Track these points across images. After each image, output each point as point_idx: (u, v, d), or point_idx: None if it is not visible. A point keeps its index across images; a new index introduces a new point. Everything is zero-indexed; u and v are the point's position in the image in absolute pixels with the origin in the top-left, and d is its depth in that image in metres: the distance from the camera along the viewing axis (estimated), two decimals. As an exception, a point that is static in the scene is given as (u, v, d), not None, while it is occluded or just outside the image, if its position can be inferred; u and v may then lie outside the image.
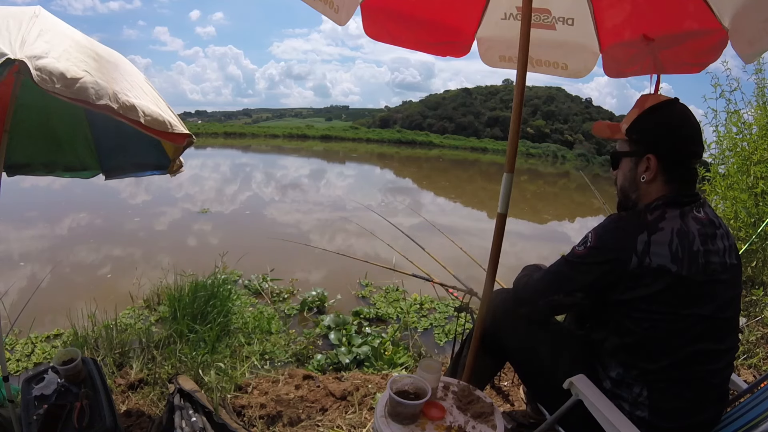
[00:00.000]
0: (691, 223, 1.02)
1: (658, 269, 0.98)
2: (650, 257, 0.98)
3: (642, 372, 1.04)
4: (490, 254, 1.35)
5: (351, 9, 1.60)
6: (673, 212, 1.03)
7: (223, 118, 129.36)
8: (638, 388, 1.04)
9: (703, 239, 1.01)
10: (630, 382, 1.05)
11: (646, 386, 1.03)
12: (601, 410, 0.98)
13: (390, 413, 1.07)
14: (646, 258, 0.98)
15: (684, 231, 1.00)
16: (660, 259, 0.98)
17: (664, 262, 0.98)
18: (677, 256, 0.98)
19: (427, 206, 9.86)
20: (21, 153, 1.83)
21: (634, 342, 1.03)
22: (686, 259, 0.98)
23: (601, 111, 70.53)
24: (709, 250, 1.00)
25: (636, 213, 1.09)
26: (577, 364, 1.16)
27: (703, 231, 1.02)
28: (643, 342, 1.02)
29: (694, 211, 1.04)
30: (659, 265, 0.97)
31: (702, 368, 1.00)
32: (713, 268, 1.00)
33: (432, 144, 51.99)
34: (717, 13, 1.47)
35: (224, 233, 5.95)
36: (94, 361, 1.50)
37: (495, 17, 2.00)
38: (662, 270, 0.97)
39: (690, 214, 1.03)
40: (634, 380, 1.05)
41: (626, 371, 1.06)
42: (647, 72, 1.73)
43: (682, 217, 1.02)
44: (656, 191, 1.09)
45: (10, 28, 1.10)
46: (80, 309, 2.61)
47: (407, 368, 2.39)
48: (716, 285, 1.01)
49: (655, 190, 1.09)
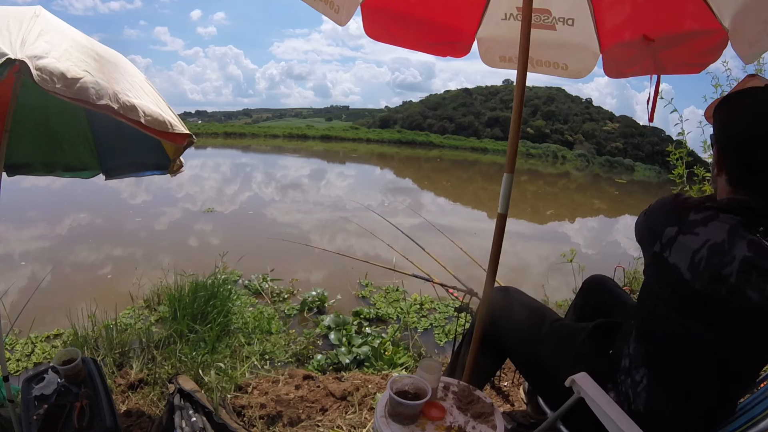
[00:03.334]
0: (739, 244, 0.85)
1: (673, 267, 0.92)
2: (671, 252, 0.92)
3: (651, 352, 1.02)
4: (491, 254, 1.35)
5: (351, 9, 1.60)
6: (723, 223, 0.87)
7: (224, 118, 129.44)
8: (642, 371, 1.03)
9: (746, 268, 0.83)
10: (638, 362, 1.04)
11: (649, 372, 1.02)
12: (603, 408, 0.98)
13: (390, 413, 1.07)
14: (667, 250, 0.93)
15: (721, 249, 0.86)
16: (678, 260, 0.91)
17: (681, 265, 0.91)
18: (696, 268, 0.88)
19: (427, 206, 9.86)
20: (21, 153, 1.83)
21: (647, 319, 1.04)
22: (705, 276, 0.87)
23: (601, 111, 70.56)
24: (748, 283, 0.83)
25: (688, 202, 0.97)
26: (579, 361, 1.16)
27: (754, 261, 0.83)
28: (650, 324, 1.02)
29: (756, 235, 0.85)
30: (674, 264, 0.92)
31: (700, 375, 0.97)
32: (742, 301, 0.84)
33: (432, 144, 52.07)
34: (717, 14, 1.47)
35: (224, 233, 5.95)
36: (94, 361, 1.50)
37: (495, 17, 2.00)
38: (676, 270, 0.92)
39: (747, 235, 0.85)
40: (641, 361, 1.04)
41: (639, 347, 1.05)
42: (647, 72, 1.73)
43: (731, 232, 0.86)
44: (724, 190, 0.96)
45: (10, 28, 1.10)
46: (80, 309, 2.61)
47: (407, 368, 2.39)
48: (738, 320, 0.87)
49: (723, 189, 0.96)
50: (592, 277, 1.62)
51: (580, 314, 1.57)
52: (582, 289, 1.63)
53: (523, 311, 1.38)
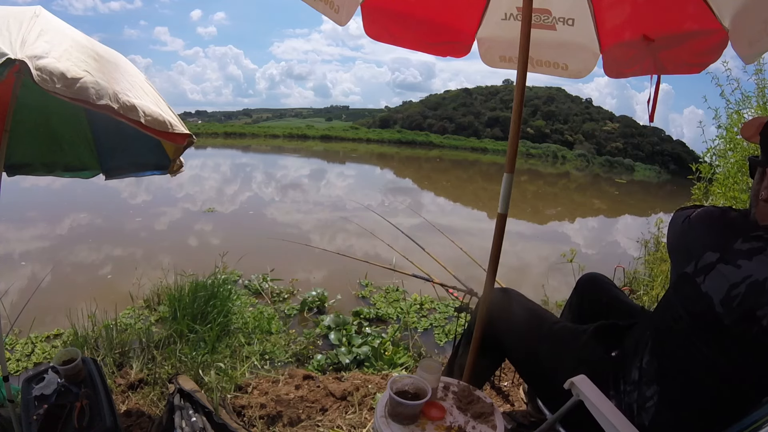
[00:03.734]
0: None
1: (704, 295, 0.85)
2: (705, 279, 0.85)
3: (665, 369, 0.99)
4: (491, 254, 1.35)
5: (351, 9, 1.60)
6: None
7: (224, 118, 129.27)
8: (654, 388, 1.00)
9: None
10: (651, 378, 1.01)
11: (661, 389, 0.99)
12: (602, 411, 0.98)
13: (390, 413, 1.07)
14: (702, 276, 0.86)
15: (761, 288, 0.78)
16: (712, 290, 0.84)
17: (713, 295, 0.84)
18: (730, 304, 0.81)
19: (427, 206, 9.86)
20: (21, 153, 1.83)
21: (664, 333, 1.00)
22: (737, 314, 0.81)
23: (601, 111, 70.50)
24: None
25: (736, 226, 0.89)
26: (581, 364, 1.15)
27: None
28: (667, 341, 0.98)
29: None
30: (707, 293, 0.85)
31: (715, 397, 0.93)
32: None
33: (432, 144, 52.03)
34: (717, 14, 1.47)
35: (224, 233, 5.95)
36: (94, 361, 1.50)
37: (495, 17, 2.00)
38: (707, 300, 0.85)
39: None
40: (654, 376, 1.01)
41: (652, 362, 1.00)
42: (647, 72, 1.73)
43: None
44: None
45: (10, 28, 1.10)
46: (80, 309, 2.61)
47: (407, 368, 2.39)
48: (759, 357, 0.82)
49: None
50: (587, 275, 1.60)
51: (576, 313, 1.56)
52: (577, 288, 1.61)
53: (522, 312, 1.38)
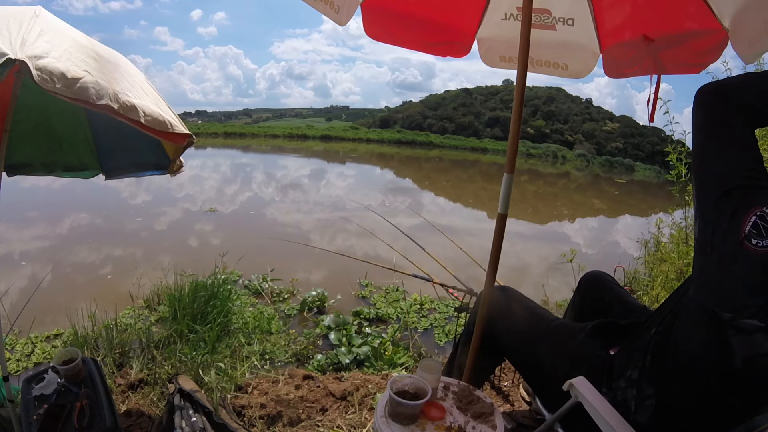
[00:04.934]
0: None
1: (728, 345, 0.81)
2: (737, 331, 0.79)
3: (661, 371, 0.99)
4: (491, 254, 1.35)
5: (351, 9, 1.60)
6: None
7: (224, 118, 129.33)
8: (652, 390, 1.00)
9: None
10: (651, 378, 1.01)
11: (661, 390, 0.99)
12: (601, 413, 0.98)
13: (390, 413, 1.07)
14: (733, 329, 0.80)
15: None
16: (737, 344, 0.80)
17: (737, 352, 0.80)
18: (752, 364, 0.78)
19: (427, 206, 9.86)
20: (21, 153, 1.83)
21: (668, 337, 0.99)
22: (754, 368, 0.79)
23: (601, 111, 70.49)
24: None
25: None
26: (577, 362, 1.15)
27: None
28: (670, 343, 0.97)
29: None
30: (732, 344, 0.81)
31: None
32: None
33: (432, 144, 52.03)
34: (717, 14, 1.47)
35: (224, 233, 5.95)
36: (94, 361, 1.50)
37: (495, 17, 2.00)
38: (728, 349, 0.81)
39: None
40: (655, 377, 1.00)
41: (655, 362, 1.01)
42: (647, 72, 1.73)
43: None
44: None
45: (10, 28, 1.10)
46: (80, 309, 2.61)
47: (407, 368, 2.39)
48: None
49: None
50: (590, 274, 1.61)
51: (579, 311, 1.56)
52: (580, 286, 1.61)
53: (520, 311, 1.38)
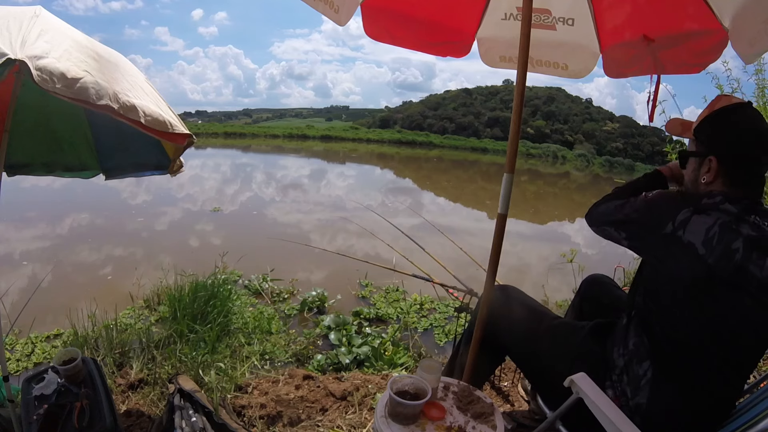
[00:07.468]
0: (744, 226, 0.96)
1: (687, 246, 0.97)
2: (684, 231, 0.98)
3: (654, 344, 1.04)
4: (491, 254, 1.35)
5: (351, 9, 1.60)
6: (730, 208, 0.98)
7: (224, 118, 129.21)
8: (646, 365, 1.05)
9: (749, 245, 0.94)
10: (642, 356, 1.06)
11: (653, 364, 1.04)
12: (602, 408, 0.98)
13: (390, 413, 1.07)
14: (681, 230, 0.99)
15: (730, 227, 0.96)
16: (692, 237, 0.97)
17: (695, 241, 0.96)
18: (710, 242, 0.95)
19: (427, 206, 9.86)
20: (21, 153, 1.83)
21: (657, 311, 1.05)
22: (718, 250, 0.94)
23: (601, 111, 70.46)
24: (750, 259, 0.93)
25: (699, 193, 1.08)
26: (578, 360, 1.16)
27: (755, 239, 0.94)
28: (663, 314, 1.04)
29: (757, 218, 0.98)
30: (689, 242, 0.97)
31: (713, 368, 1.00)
32: (747, 278, 0.94)
33: (432, 144, 52.01)
34: (717, 14, 1.47)
35: (224, 233, 5.95)
36: (94, 361, 1.50)
37: (495, 17, 2.00)
38: (691, 248, 0.96)
39: (749, 219, 0.97)
40: (646, 354, 1.06)
41: (642, 341, 1.07)
42: (647, 72, 1.73)
43: (737, 217, 0.97)
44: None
45: (10, 28, 1.10)
46: (80, 309, 2.61)
47: (407, 368, 2.39)
48: (743, 297, 0.95)
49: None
50: (591, 277, 1.63)
51: (579, 314, 1.58)
52: (581, 289, 1.64)
53: (521, 309, 1.38)
